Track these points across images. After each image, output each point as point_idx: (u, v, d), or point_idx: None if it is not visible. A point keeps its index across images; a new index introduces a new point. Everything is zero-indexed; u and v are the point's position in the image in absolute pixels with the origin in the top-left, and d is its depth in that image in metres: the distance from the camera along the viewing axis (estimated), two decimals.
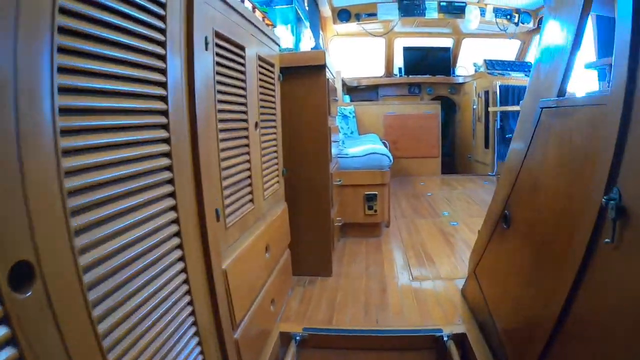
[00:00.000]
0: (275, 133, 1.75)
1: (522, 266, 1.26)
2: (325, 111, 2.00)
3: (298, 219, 2.17)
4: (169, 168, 0.88)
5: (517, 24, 5.43)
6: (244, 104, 1.35)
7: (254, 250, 1.43)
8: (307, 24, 2.60)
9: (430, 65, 6.31)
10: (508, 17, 5.38)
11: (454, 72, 6.43)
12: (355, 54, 6.48)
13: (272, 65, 1.72)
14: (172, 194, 0.90)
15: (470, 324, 1.70)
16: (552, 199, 1.05)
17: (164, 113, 0.87)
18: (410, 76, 6.30)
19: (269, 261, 1.61)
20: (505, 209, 1.41)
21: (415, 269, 2.35)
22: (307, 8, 4.21)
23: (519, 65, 5.57)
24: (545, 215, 1.09)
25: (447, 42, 6.32)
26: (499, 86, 5.07)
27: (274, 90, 1.73)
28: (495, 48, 6.36)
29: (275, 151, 1.76)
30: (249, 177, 1.41)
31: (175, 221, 0.91)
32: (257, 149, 1.50)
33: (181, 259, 0.94)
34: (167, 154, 0.88)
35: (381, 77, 6.52)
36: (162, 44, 0.86)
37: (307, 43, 2.61)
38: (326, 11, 5.39)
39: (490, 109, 5.10)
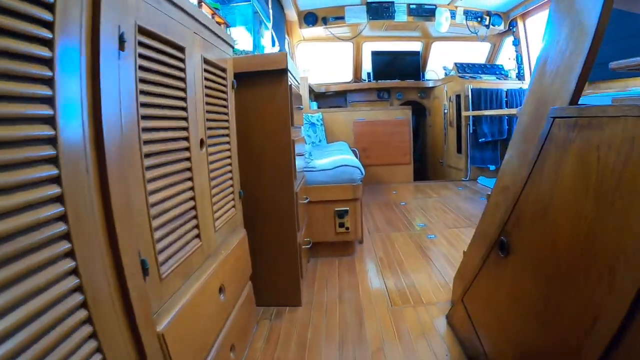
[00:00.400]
0: (228, 149, 1.48)
1: (528, 302, 1.05)
2: (288, 121, 1.75)
3: (260, 245, 1.91)
4: (62, 218, 0.62)
5: (487, 27, 5.35)
6: (184, 119, 1.09)
7: (204, 297, 1.16)
8: (269, 24, 2.34)
9: (399, 69, 6.18)
10: (479, 19, 5.29)
11: (423, 77, 6.32)
12: (322, 60, 6.28)
13: (224, 71, 1.46)
14: (70, 254, 0.64)
15: None
16: (571, 229, 0.84)
17: (51, 141, 0.61)
18: (379, 81, 6.15)
19: (225, 304, 1.34)
20: (501, 235, 1.20)
21: (394, 293, 2.13)
22: (270, 10, 3.97)
23: (490, 68, 5.50)
24: (562, 248, 0.88)
25: (416, 46, 6.20)
26: (471, 90, 4.96)
27: (226, 100, 1.46)
28: (465, 52, 6.29)
29: (230, 171, 1.50)
30: (193, 207, 1.14)
31: (79, 289, 0.65)
32: (204, 172, 1.23)
33: (92, 336, 0.67)
34: (58, 199, 0.62)
35: (349, 82, 6.34)
36: (48, 44, 0.60)
37: (269, 46, 2.37)
38: (292, 15, 5.17)
39: (464, 113, 4.98)
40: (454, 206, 3.94)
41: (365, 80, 6.28)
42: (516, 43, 5.36)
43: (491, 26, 5.38)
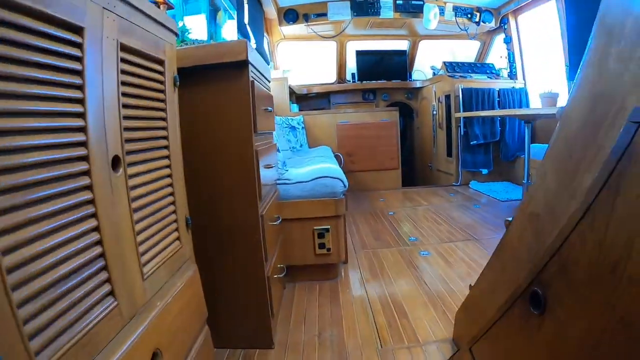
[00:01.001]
0: (168, 166, 1.13)
1: None
2: (250, 127, 1.40)
3: (221, 280, 1.56)
4: None
5: (478, 24, 5.08)
6: (80, 130, 0.74)
7: None
8: (234, 13, 1.99)
9: (385, 69, 5.88)
10: (469, 16, 5.03)
11: (410, 77, 6.03)
12: (304, 60, 5.94)
13: (161, 63, 1.11)
14: None
15: None
16: None
17: None
18: (364, 82, 5.84)
19: None
20: (534, 284, 0.88)
21: (385, 329, 1.80)
22: (246, 5, 3.62)
23: (481, 67, 5.23)
24: None
25: (402, 45, 5.90)
26: (462, 89, 4.67)
27: (164, 101, 1.11)
28: (453, 51, 6.03)
29: (171, 193, 1.15)
30: (101, 255, 0.79)
31: None
32: (122, 201, 0.88)
33: None
34: None
35: (333, 83, 6.02)
36: None
37: (231, 37, 2.01)
38: (271, 12, 4.83)
39: (456, 114, 4.69)
40: (446, 216, 3.63)
41: (349, 81, 5.96)
42: (508, 41, 5.10)
43: (482, 23, 5.12)
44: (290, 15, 4.98)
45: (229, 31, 1.96)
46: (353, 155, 4.76)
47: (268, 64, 4.95)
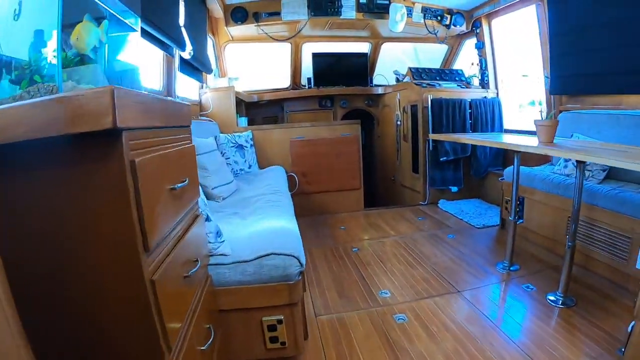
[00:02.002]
0: None
1: None
2: (137, 247, 0.80)
3: None
4: None
5: (448, 27, 4.64)
6: None
7: None
8: (136, 21, 1.32)
9: (344, 74, 5.35)
10: (439, 18, 4.57)
11: (371, 82, 5.53)
12: (256, 63, 5.29)
13: None
14: None
15: None
16: None
17: None
18: (321, 87, 5.27)
19: None
20: None
21: None
22: (182, 3, 2.95)
23: (449, 73, 4.80)
24: None
25: (363, 47, 5.38)
26: (431, 100, 4.21)
27: None
28: (416, 54, 5.59)
29: None
30: None
31: None
32: None
33: None
34: None
35: (287, 89, 5.42)
36: None
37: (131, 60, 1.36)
38: (216, 10, 4.16)
39: (430, 136, 4.19)
40: (417, 252, 3.15)
41: (305, 86, 5.37)
42: (479, 46, 4.68)
43: (452, 26, 4.68)
44: (238, 14, 4.32)
45: (130, 51, 1.30)
46: (309, 176, 4.19)
47: (210, 72, 4.28)
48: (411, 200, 4.76)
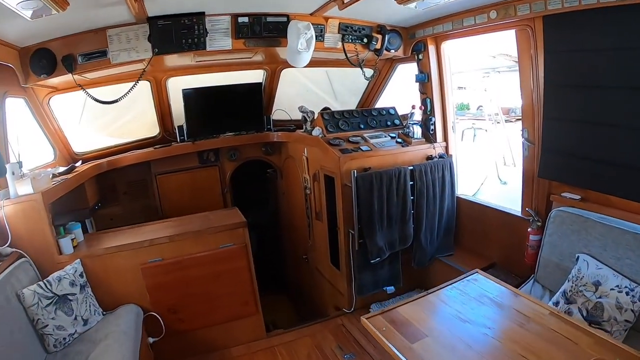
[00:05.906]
0: None
1: None
2: None
3: None
4: None
5: (379, 52, 3.15)
6: None
7: None
8: None
9: (230, 114, 3.77)
10: (364, 40, 3.05)
11: (269, 122, 3.93)
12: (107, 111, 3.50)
13: None
14: None
15: None
16: None
17: None
18: (197, 140, 3.65)
19: None
20: None
21: None
22: None
23: (377, 116, 3.48)
24: None
25: (256, 76, 3.75)
26: (356, 178, 2.82)
27: None
28: (325, 78, 4.06)
29: None
30: None
31: None
32: None
33: None
34: None
35: (155, 137, 3.78)
36: None
37: None
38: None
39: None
40: None
41: (177, 137, 3.71)
42: (422, 79, 3.19)
43: (384, 51, 3.14)
44: (40, 62, 2.58)
45: None
46: (180, 311, 2.76)
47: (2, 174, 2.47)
48: (331, 298, 3.48)
